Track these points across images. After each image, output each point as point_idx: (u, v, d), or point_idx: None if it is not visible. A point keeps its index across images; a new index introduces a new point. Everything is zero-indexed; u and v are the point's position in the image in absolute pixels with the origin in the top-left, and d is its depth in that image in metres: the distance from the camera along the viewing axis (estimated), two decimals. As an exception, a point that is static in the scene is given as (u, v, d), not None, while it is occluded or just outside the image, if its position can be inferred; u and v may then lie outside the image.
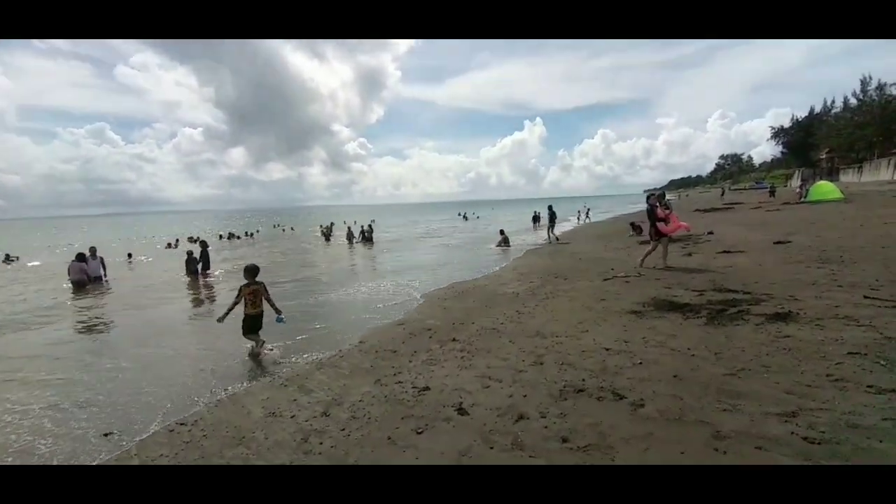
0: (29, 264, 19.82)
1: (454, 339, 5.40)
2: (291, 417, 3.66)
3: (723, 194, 48.56)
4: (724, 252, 10.14)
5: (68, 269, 12.42)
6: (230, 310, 5.54)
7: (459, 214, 50.69)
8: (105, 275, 13.19)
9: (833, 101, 66.36)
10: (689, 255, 10.30)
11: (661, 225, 8.93)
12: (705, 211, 26.81)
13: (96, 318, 8.45)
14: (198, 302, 10.18)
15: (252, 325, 5.57)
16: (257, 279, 5.72)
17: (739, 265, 8.44)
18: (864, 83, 55.73)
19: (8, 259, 22.04)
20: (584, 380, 3.83)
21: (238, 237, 32.35)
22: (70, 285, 12.13)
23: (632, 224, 17.38)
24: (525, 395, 3.63)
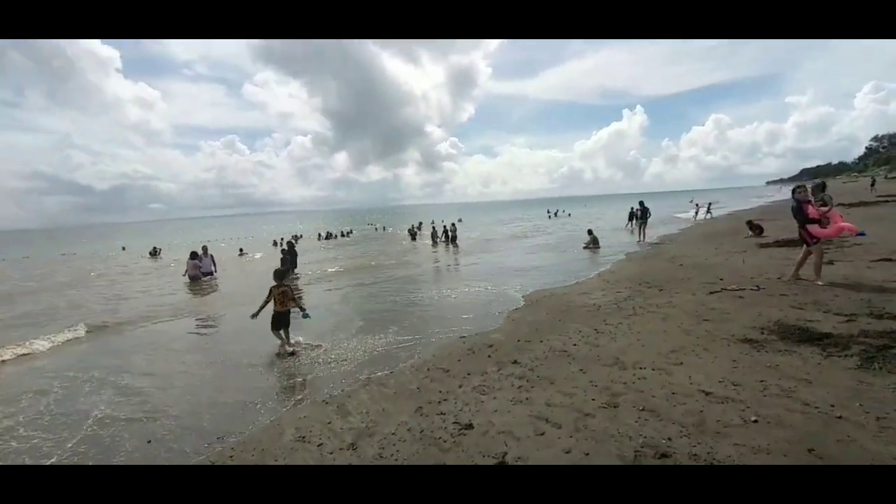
0: (172, 259, 23.16)
1: (515, 362, 4.73)
2: (318, 446, 3.35)
3: (873, 184, 39.07)
4: (885, 260, 7.88)
5: (186, 266, 14.16)
6: (262, 308, 6.08)
7: (548, 213, 48.60)
8: (215, 270, 14.78)
9: None
10: (831, 262, 8.19)
11: (814, 228, 6.78)
12: (850, 205, 22.03)
13: (200, 315, 9.29)
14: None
15: (279, 321, 6.11)
16: (285, 281, 6.37)
17: (910, 280, 6.40)
18: None
19: (154, 253, 26.24)
20: (670, 438, 2.93)
21: (335, 236, 34.61)
22: (187, 279, 13.82)
23: (749, 223, 14.75)
24: (587, 454, 2.86)
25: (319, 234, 36.02)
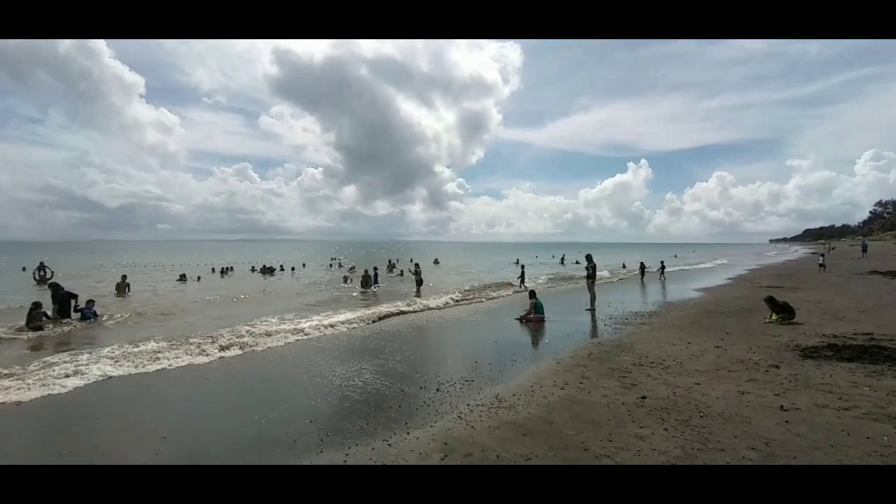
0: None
1: None
2: None
3: (864, 250, 35.72)
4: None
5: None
6: None
7: (552, 256, 43.89)
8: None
9: None
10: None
11: None
12: (885, 274, 17.77)
13: None
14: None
15: None
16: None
17: None
18: None
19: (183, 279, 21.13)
20: None
21: (273, 271, 28.63)
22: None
23: (771, 300, 9.40)
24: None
25: (253, 268, 30.46)
